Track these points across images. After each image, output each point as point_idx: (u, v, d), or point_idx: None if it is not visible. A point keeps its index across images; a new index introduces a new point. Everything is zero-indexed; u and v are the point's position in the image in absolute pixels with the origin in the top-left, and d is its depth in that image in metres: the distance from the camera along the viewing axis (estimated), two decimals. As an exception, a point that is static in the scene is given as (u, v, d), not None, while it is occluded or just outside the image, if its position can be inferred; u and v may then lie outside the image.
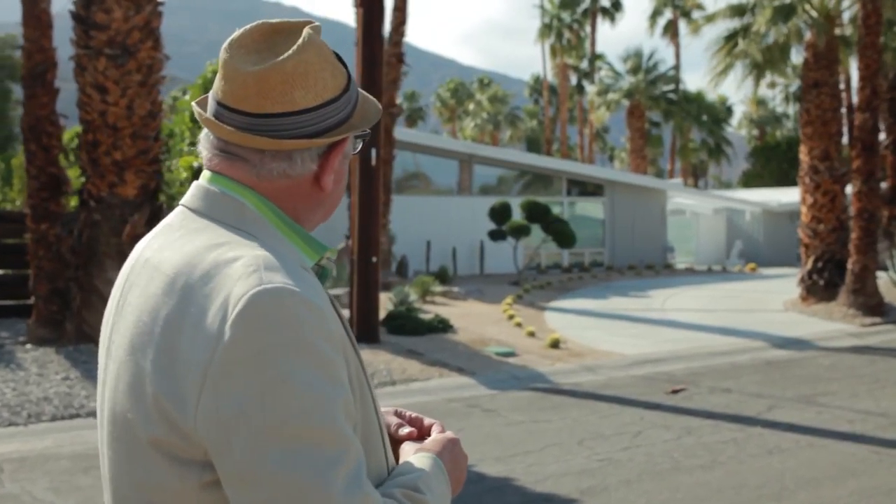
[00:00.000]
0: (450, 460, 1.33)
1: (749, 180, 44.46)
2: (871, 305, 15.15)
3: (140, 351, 1.16)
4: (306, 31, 1.26)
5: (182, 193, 13.53)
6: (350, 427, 1.12)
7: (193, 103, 1.33)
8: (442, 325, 12.82)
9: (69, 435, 7.40)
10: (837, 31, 17.46)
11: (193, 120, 15.48)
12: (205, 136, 1.30)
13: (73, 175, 13.08)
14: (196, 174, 14.79)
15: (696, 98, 45.24)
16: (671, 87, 45.55)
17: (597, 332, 13.72)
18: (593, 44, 52.32)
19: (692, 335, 13.58)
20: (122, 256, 9.93)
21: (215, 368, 1.08)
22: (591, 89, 47.59)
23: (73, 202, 11.01)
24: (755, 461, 6.41)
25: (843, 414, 8.03)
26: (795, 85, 44.68)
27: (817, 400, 8.66)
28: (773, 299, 18.12)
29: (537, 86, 66.74)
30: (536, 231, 20.87)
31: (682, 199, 34.28)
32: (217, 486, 1.12)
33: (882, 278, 17.78)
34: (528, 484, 5.85)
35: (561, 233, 20.09)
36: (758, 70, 17.68)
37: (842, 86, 18.37)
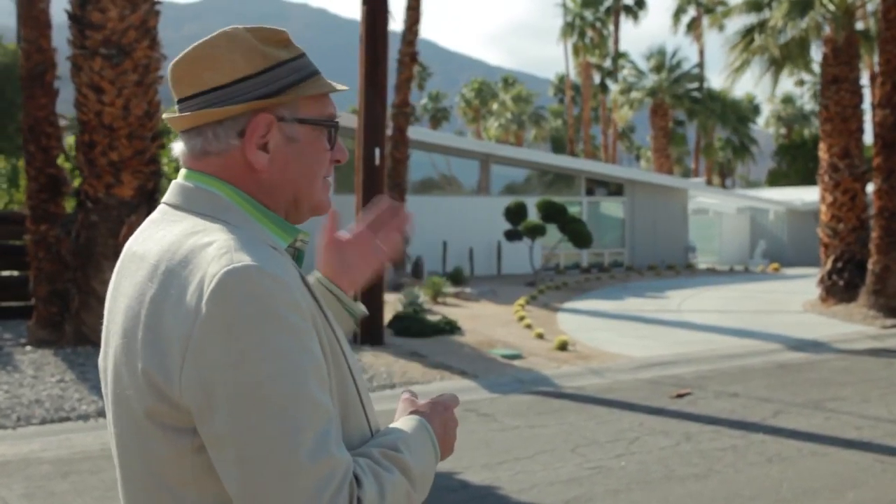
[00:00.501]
0: (439, 424, 1.39)
1: (775, 179, 43.87)
2: (893, 307, 14.76)
3: (131, 333, 1.26)
4: (228, 28, 1.39)
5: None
6: (322, 392, 1.20)
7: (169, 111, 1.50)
8: (449, 327, 12.63)
9: (57, 438, 7.30)
10: (859, 26, 17.09)
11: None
12: None
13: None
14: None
15: (720, 96, 44.66)
16: (695, 85, 45.05)
17: (608, 334, 13.48)
18: (616, 42, 51.84)
19: (705, 337, 13.30)
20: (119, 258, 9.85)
21: (194, 341, 1.17)
22: (614, 88, 47.21)
23: (73, 203, 10.93)
24: (753, 470, 6.16)
25: (851, 420, 7.74)
26: (823, 82, 44.16)
27: (826, 405, 8.38)
28: (793, 300, 17.75)
29: (562, 85, 66.36)
30: (554, 231, 20.64)
31: (705, 199, 33.84)
32: (206, 449, 1.21)
33: None
34: (512, 493, 5.65)
35: (577, 233, 19.82)
36: (776, 66, 17.32)
37: (866, 82, 18.01)
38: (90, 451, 6.87)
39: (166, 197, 1.39)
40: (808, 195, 30.45)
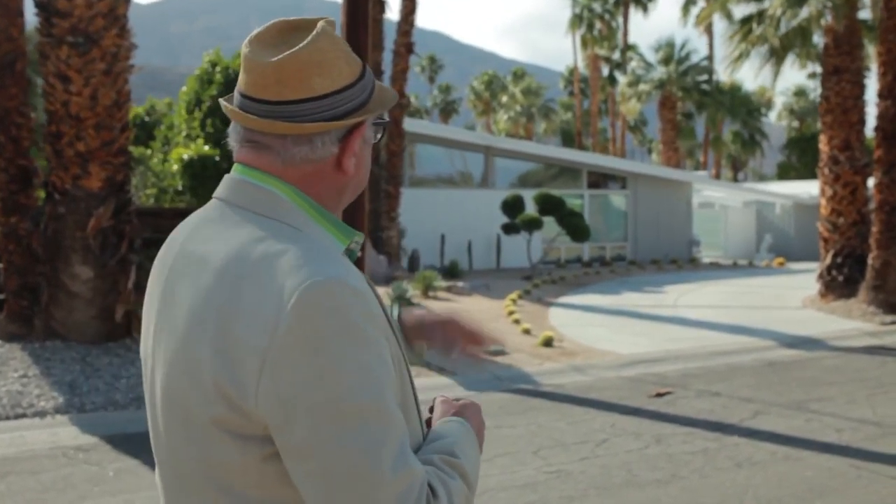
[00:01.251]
0: (476, 424, 1.45)
1: (784, 172, 43.34)
2: (893, 303, 14.38)
3: (195, 339, 1.23)
4: (320, 24, 1.34)
5: (174, 185, 13.15)
6: (396, 403, 1.22)
7: (221, 99, 1.39)
8: (434, 322, 12.34)
9: (9, 436, 7.09)
10: (863, 16, 16.69)
11: (189, 112, 15.20)
12: (232, 129, 1.37)
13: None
14: (187, 166, 14.59)
15: (729, 89, 44.15)
16: (704, 77, 44.54)
17: (598, 330, 13.19)
18: (626, 34, 51.39)
19: (698, 333, 12.99)
20: (87, 251, 9.62)
21: (273, 353, 1.16)
22: (622, 80, 46.76)
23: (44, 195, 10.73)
24: (719, 475, 5.87)
25: (833, 422, 7.44)
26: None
27: (809, 406, 8.07)
28: (793, 296, 17.40)
29: (572, 78, 65.89)
30: (553, 225, 20.34)
31: (711, 192, 33.44)
32: (277, 457, 1.21)
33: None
34: (462, 499, 5.38)
35: (574, 226, 19.52)
36: (777, 57, 16.94)
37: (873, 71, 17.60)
38: (38, 450, 6.66)
39: (221, 192, 1.37)
40: (815, 188, 29.92)
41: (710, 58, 46.25)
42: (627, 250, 26.57)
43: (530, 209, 20.50)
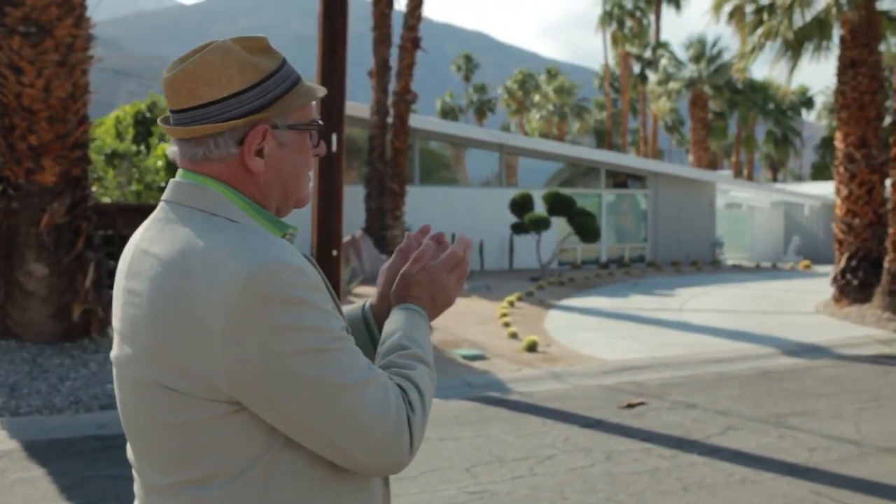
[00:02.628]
0: (426, 295, 1.61)
1: (818, 172, 42.18)
2: (910, 309, 13.63)
3: (157, 325, 1.38)
4: (218, 41, 1.49)
5: (157, 182, 12.82)
6: (349, 336, 1.43)
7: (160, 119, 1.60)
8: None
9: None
10: (885, 6, 15.90)
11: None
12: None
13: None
14: (171, 162, 14.21)
15: (762, 87, 43.06)
16: (736, 75, 43.46)
17: (593, 334, 12.61)
18: (658, 32, 50.43)
19: (698, 339, 12.36)
20: (41, 248, 9.28)
21: (232, 329, 1.33)
22: (652, 78, 45.87)
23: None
24: (657, 501, 5.32)
25: (808, 440, 6.83)
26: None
27: (788, 421, 7.46)
28: (809, 300, 16.65)
29: (611, 79, 64.92)
30: (566, 225, 19.76)
31: (738, 193, 32.55)
32: (239, 412, 1.38)
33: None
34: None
35: (583, 226, 18.90)
36: (793, 50, 16.19)
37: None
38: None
39: (167, 195, 1.51)
40: (845, 189, 29.01)
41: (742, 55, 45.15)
42: (647, 251, 25.85)
43: (540, 208, 19.92)
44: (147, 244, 1.45)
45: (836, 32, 15.84)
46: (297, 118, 1.52)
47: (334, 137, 10.92)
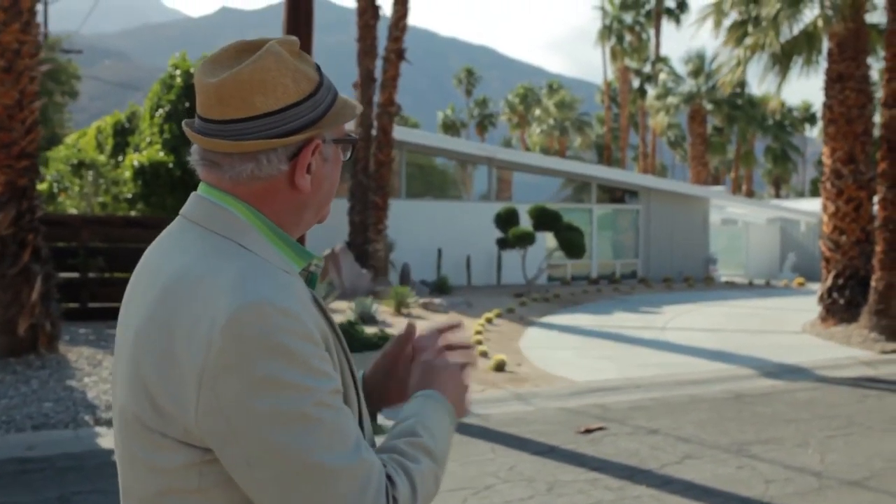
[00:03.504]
0: (452, 387, 1.46)
1: (817, 189, 41.72)
2: (896, 329, 13.23)
3: (140, 353, 1.27)
4: (269, 43, 1.34)
5: (124, 193, 12.46)
6: (342, 403, 1.27)
7: (184, 122, 1.42)
8: (382, 342, 11.52)
9: None
10: (874, 19, 15.57)
11: (151, 117, 14.60)
12: (193, 149, 1.39)
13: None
14: (138, 173, 13.96)
15: (761, 102, 42.70)
16: (736, 90, 43.16)
17: (568, 353, 12.24)
18: (658, 46, 50.14)
19: (676, 359, 11.99)
20: (-16, 260, 8.96)
21: (209, 373, 1.20)
22: (651, 93, 45.56)
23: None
24: (591, 539, 4.95)
25: (768, 471, 6.45)
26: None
27: (750, 449, 7.07)
28: (796, 319, 16.25)
29: (612, 93, 64.63)
30: (553, 239, 19.41)
31: (734, 209, 32.17)
32: (217, 462, 1.24)
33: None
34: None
35: (569, 242, 18.54)
36: (781, 64, 15.86)
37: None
38: None
39: (185, 210, 1.40)
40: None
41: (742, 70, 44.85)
42: (639, 267, 25.47)
43: (526, 223, 19.58)
44: (154, 257, 1.37)
45: (826, 46, 15.50)
46: (340, 132, 1.42)
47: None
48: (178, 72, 13.83)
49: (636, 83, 50.95)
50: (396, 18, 19.12)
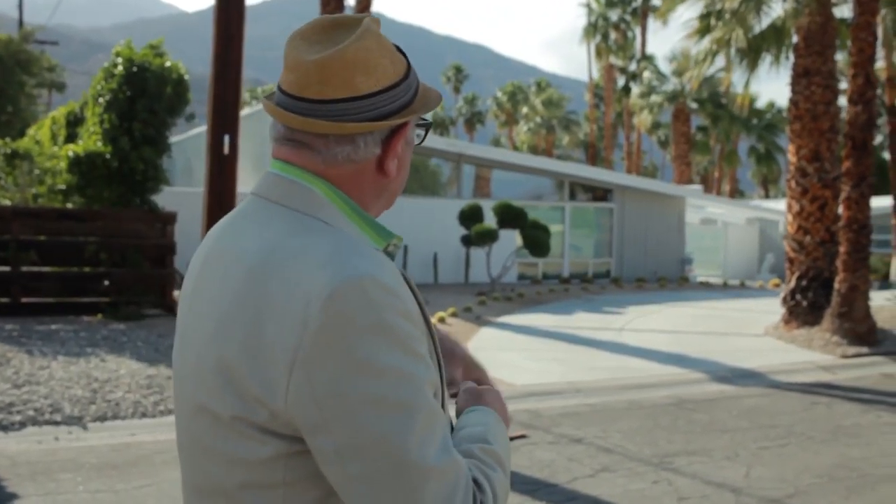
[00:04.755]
0: (500, 409, 1.42)
1: (801, 190, 41.33)
2: (860, 333, 12.78)
3: (224, 336, 1.21)
4: (366, 21, 1.32)
5: (58, 184, 11.91)
6: (433, 397, 1.20)
7: (262, 97, 1.41)
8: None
9: None
10: (843, 13, 15.13)
11: (94, 105, 14.07)
12: (272, 126, 1.36)
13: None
14: (74, 163, 13.42)
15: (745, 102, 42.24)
16: (722, 89, 42.72)
17: (515, 355, 11.77)
18: (643, 44, 49.69)
19: (627, 362, 11.52)
20: None
21: (304, 352, 1.14)
22: (635, 92, 45.12)
23: None
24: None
25: (685, 487, 5.97)
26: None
27: (673, 462, 6.60)
28: (762, 321, 15.79)
29: (599, 91, 64.22)
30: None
31: (714, 209, 31.75)
32: (305, 454, 1.18)
33: (882, 300, 15.35)
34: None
35: (533, 240, 18.06)
36: (749, 59, 15.41)
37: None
38: None
39: (257, 188, 1.35)
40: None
41: (727, 69, 44.41)
42: (612, 267, 25.01)
43: (491, 220, 19.10)
44: (227, 241, 1.31)
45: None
46: (422, 114, 1.37)
47: (227, 139, 10.14)
48: (120, 59, 13.30)
49: (622, 81, 50.45)
50: (360, 8, 18.60)
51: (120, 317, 12.47)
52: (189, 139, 26.92)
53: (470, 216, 18.75)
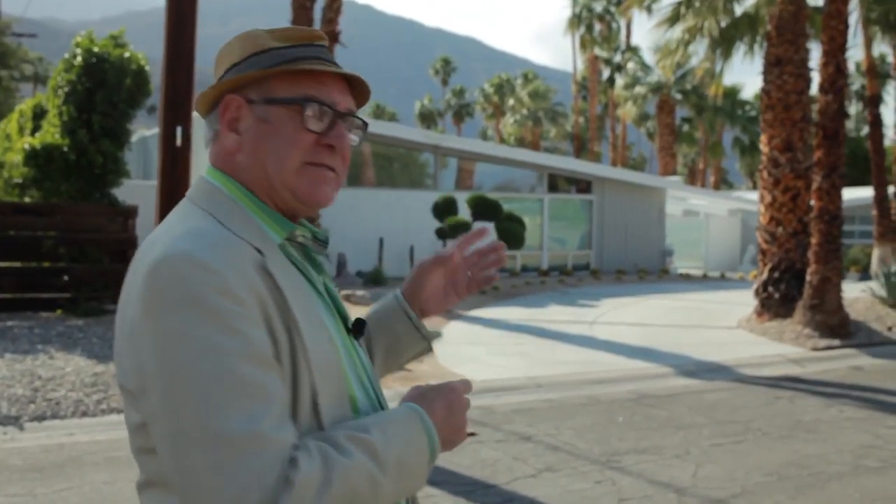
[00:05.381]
0: (442, 407, 1.34)
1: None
2: (832, 325, 12.62)
3: (118, 317, 1.31)
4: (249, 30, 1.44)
5: (14, 177, 11.62)
6: (259, 371, 1.18)
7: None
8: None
9: None
10: (813, 2, 14.95)
11: (55, 97, 13.79)
12: None
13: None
14: (30, 156, 13.14)
15: (729, 93, 42.09)
16: (706, 80, 42.51)
17: (480, 349, 11.57)
18: (629, 35, 49.50)
19: (593, 357, 11.33)
20: None
21: (130, 326, 1.24)
22: (619, 83, 44.93)
23: None
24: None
25: (629, 487, 5.78)
26: (859, 82, 40.87)
27: (621, 461, 6.40)
28: (737, 313, 15.62)
29: (584, 82, 63.99)
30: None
31: (696, 200, 31.59)
32: None
33: (858, 292, 15.22)
34: None
35: (507, 232, 17.86)
36: (722, 48, 15.21)
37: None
38: None
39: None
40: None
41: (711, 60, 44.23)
42: (592, 259, 24.83)
43: (466, 213, 18.89)
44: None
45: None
46: (286, 94, 1.36)
47: (179, 131, 9.88)
48: (79, 50, 13.02)
49: (607, 73, 50.24)
50: (330, 1, 18.33)
51: (79, 313, 12.21)
52: (153, 136, 26.63)
53: (444, 209, 18.54)
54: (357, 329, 1.47)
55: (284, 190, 1.37)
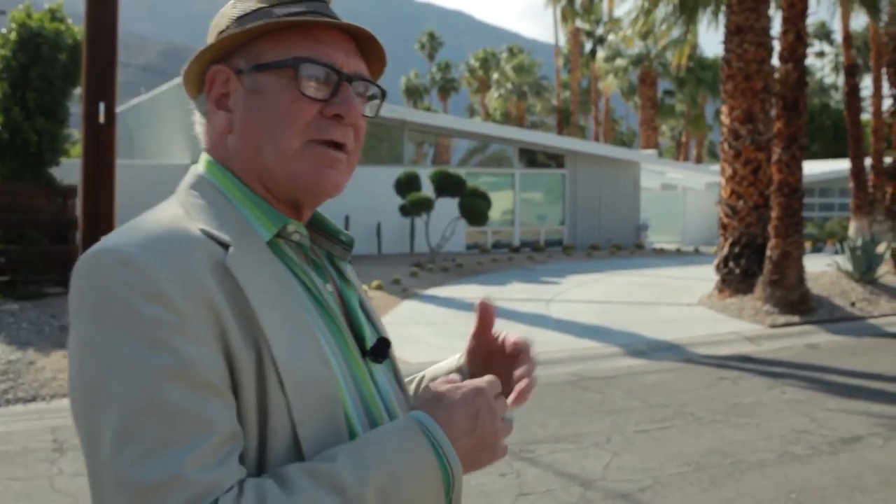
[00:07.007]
0: (462, 416, 1.06)
1: (767, 153, 40.96)
2: (792, 301, 12.31)
3: None
4: None
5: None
6: (192, 396, 0.97)
7: None
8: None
9: None
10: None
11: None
12: None
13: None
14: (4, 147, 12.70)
15: (712, 65, 41.64)
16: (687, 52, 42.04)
17: (426, 330, 11.24)
18: (611, 7, 48.83)
19: (543, 336, 10.99)
20: None
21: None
22: (600, 56, 44.42)
23: None
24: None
25: (533, 479, 5.44)
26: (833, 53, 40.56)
27: (534, 450, 6.07)
28: (699, 289, 15.28)
29: (568, 55, 63.33)
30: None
31: (674, 174, 31.24)
32: None
33: (825, 266, 14.89)
34: None
35: (470, 208, 17.48)
36: (686, 16, 14.80)
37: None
38: None
39: None
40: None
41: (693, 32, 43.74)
42: (565, 235, 24.49)
43: (427, 189, 18.49)
44: None
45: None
46: (275, 55, 1.13)
47: (102, 106, 9.46)
48: (13, 25, 12.54)
49: (589, 46, 49.67)
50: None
51: (18, 296, 11.82)
52: (130, 109, 26.11)
53: (406, 184, 18.14)
54: (377, 351, 1.20)
55: (283, 176, 1.16)
